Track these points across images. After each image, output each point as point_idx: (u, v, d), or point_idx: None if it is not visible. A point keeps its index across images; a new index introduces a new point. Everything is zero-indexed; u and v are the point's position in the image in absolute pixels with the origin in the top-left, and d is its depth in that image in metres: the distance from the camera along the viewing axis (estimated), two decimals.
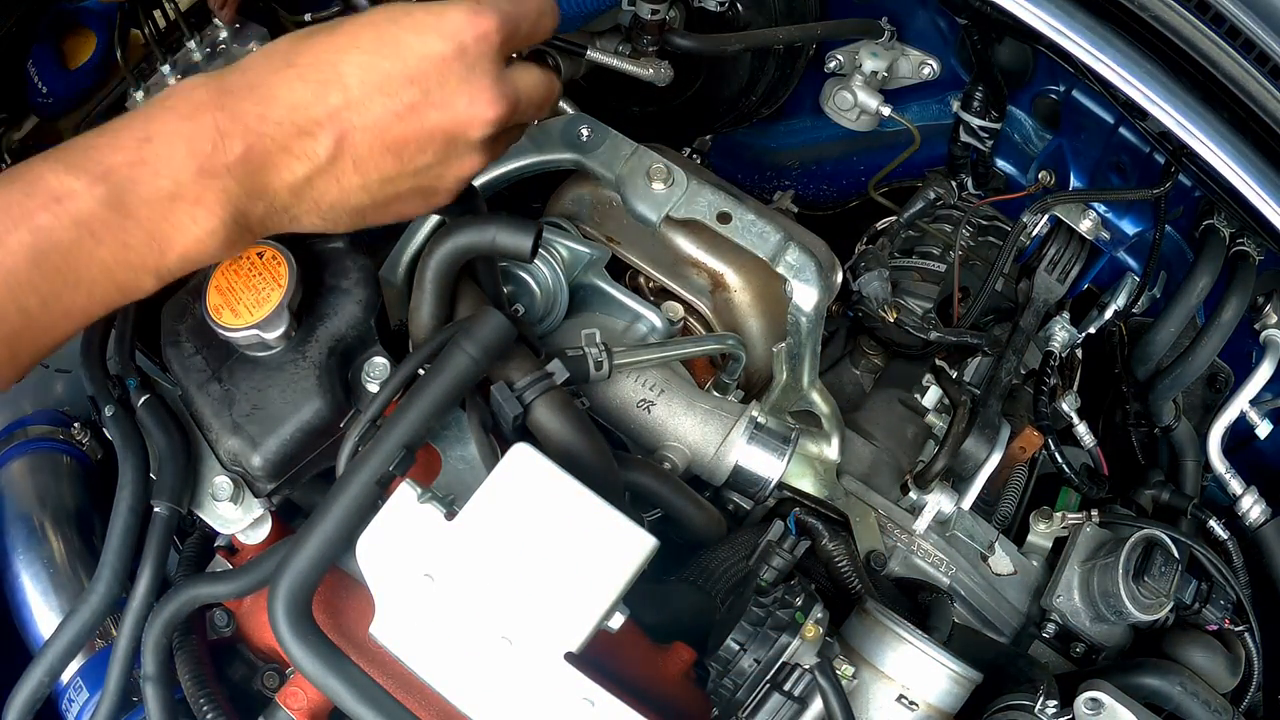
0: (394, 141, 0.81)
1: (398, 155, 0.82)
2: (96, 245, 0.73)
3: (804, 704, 0.95)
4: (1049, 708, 1.13)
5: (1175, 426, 1.50)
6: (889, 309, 1.43)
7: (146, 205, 0.74)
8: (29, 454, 1.27)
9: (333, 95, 0.78)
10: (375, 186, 0.83)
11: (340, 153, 0.79)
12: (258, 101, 0.77)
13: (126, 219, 0.74)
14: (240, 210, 0.78)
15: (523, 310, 1.19)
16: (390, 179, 0.83)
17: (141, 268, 0.76)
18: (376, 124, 0.80)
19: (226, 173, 0.76)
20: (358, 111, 0.79)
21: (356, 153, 0.80)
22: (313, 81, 0.78)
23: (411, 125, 0.81)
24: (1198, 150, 1.08)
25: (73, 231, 0.72)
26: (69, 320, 0.76)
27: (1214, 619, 1.35)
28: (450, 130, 0.82)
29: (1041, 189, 1.57)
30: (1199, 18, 1.07)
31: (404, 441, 0.91)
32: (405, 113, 0.80)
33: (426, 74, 0.79)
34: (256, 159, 0.77)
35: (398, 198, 0.85)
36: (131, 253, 0.75)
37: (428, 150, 0.82)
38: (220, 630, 1.06)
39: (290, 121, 0.77)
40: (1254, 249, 1.41)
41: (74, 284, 0.74)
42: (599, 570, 0.86)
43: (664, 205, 1.17)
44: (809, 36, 1.55)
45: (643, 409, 1.19)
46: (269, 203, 0.79)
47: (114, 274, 0.75)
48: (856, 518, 1.32)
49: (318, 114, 0.78)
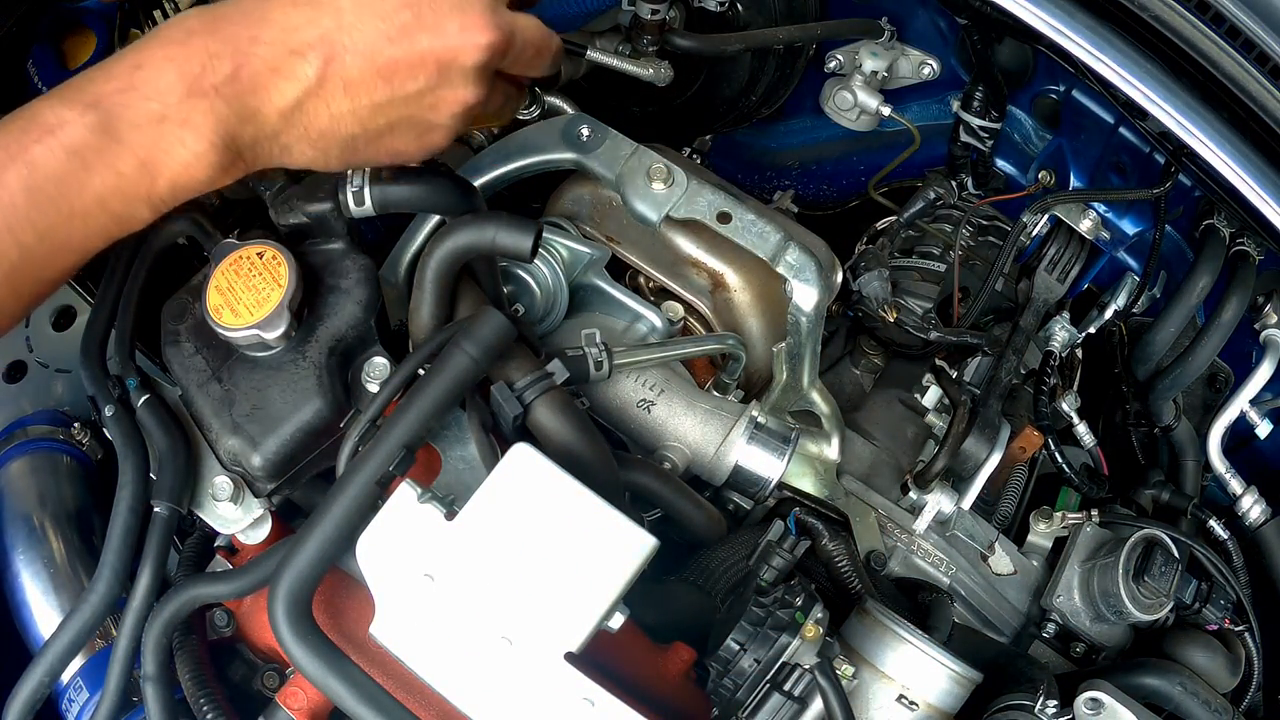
0: (385, 65, 0.80)
1: (388, 79, 0.81)
2: (89, 174, 0.74)
3: (804, 704, 0.95)
4: (1049, 708, 1.13)
5: (1175, 426, 1.50)
6: (889, 309, 1.43)
7: (135, 129, 0.74)
8: (29, 454, 1.27)
9: (325, 18, 0.79)
10: (366, 113, 0.82)
11: (330, 74, 0.79)
12: (250, 25, 0.78)
13: (117, 144, 0.74)
14: (230, 133, 0.77)
15: (523, 310, 1.19)
16: (381, 105, 0.82)
17: (134, 195, 0.76)
18: (368, 46, 0.79)
19: (215, 93, 0.76)
20: (349, 33, 0.79)
21: (346, 75, 0.79)
22: (306, 5, 0.79)
23: (403, 48, 0.80)
24: (1198, 150, 1.08)
25: (66, 161, 0.73)
26: (67, 254, 0.76)
27: (1214, 619, 1.35)
28: (442, 55, 0.81)
29: (1041, 189, 1.57)
30: (1199, 18, 1.07)
31: (404, 441, 0.91)
32: (397, 35, 0.80)
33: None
34: (245, 79, 0.77)
35: (390, 128, 0.84)
36: (124, 180, 0.75)
37: (419, 75, 0.82)
38: (220, 630, 1.06)
39: (281, 43, 0.78)
40: (1254, 249, 1.41)
41: (69, 215, 0.74)
42: (599, 570, 0.86)
43: (664, 205, 1.17)
44: (809, 36, 1.55)
45: (643, 409, 1.19)
46: (259, 126, 0.79)
47: (108, 203, 0.75)
48: (856, 518, 1.32)
49: (309, 35, 0.78)
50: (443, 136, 0.88)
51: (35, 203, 0.73)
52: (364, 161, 0.88)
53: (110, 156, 0.74)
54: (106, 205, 0.75)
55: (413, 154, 0.88)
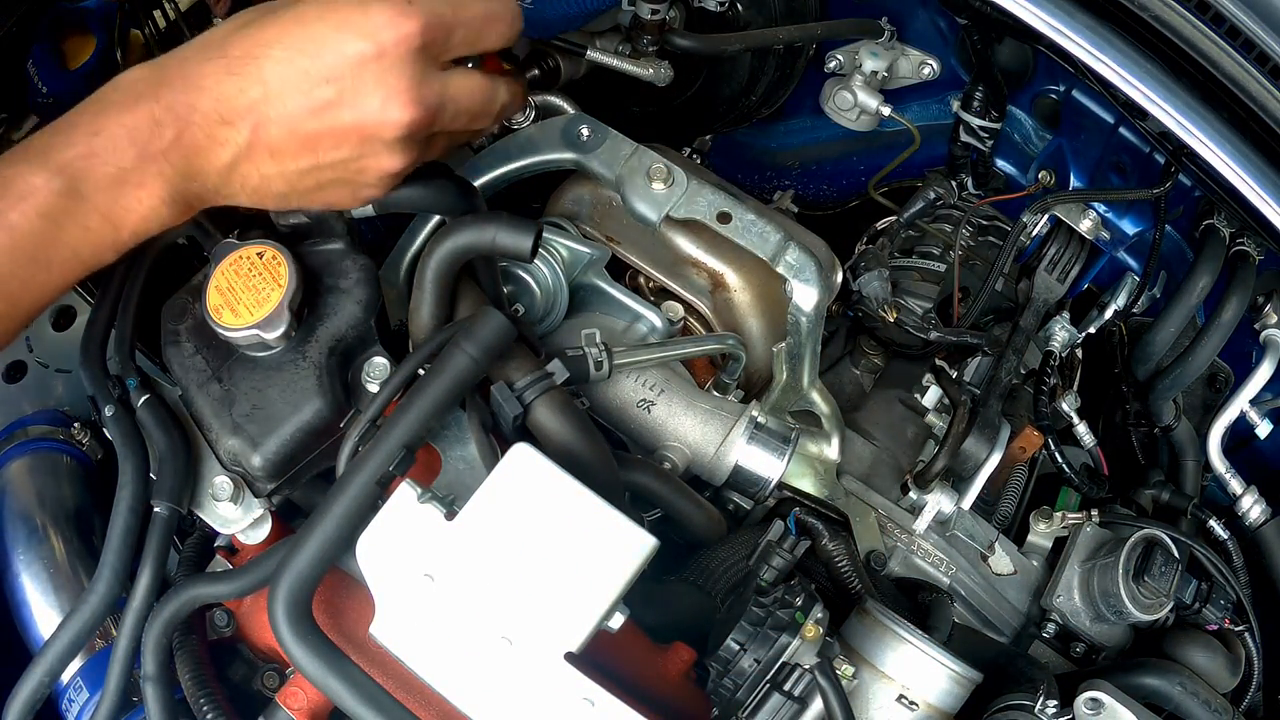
0: (307, 137, 0.84)
1: (312, 149, 0.85)
2: (60, 231, 0.82)
3: (804, 704, 0.95)
4: (1049, 708, 1.13)
5: (1175, 426, 1.50)
6: (889, 309, 1.43)
7: (99, 191, 0.82)
8: (29, 454, 1.27)
9: (253, 89, 0.83)
10: (293, 176, 0.86)
11: (256, 142, 0.84)
12: (187, 90, 0.83)
13: (83, 204, 0.82)
14: (178, 189, 0.84)
15: (523, 310, 1.19)
16: (306, 171, 0.86)
17: (101, 245, 0.84)
18: (290, 118, 0.83)
19: (163, 157, 0.83)
20: (274, 105, 0.83)
21: (271, 144, 0.84)
22: (238, 74, 0.83)
23: (324, 122, 0.84)
24: (1198, 150, 1.08)
25: (39, 223, 0.81)
26: (44, 293, 0.85)
27: (1214, 619, 1.35)
28: (362, 130, 0.85)
29: (1041, 189, 1.57)
30: (1199, 18, 1.07)
31: (404, 441, 0.91)
32: (319, 109, 0.83)
33: (342, 74, 0.83)
34: (187, 144, 0.83)
35: (318, 187, 0.88)
36: (91, 233, 0.83)
37: (342, 147, 0.85)
38: (220, 630, 1.06)
39: (215, 112, 0.83)
40: (1254, 249, 1.41)
41: (45, 266, 0.83)
42: (599, 570, 0.86)
43: (664, 205, 1.17)
44: (809, 36, 1.55)
45: (643, 409, 1.19)
46: (202, 183, 0.85)
47: (79, 253, 0.84)
48: (856, 518, 1.32)
49: (239, 106, 0.83)
50: (376, 192, 0.91)
51: (15, 260, 0.81)
52: (301, 206, 0.93)
53: (79, 215, 0.82)
54: (78, 254, 0.84)
55: (349, 205, 0.92)
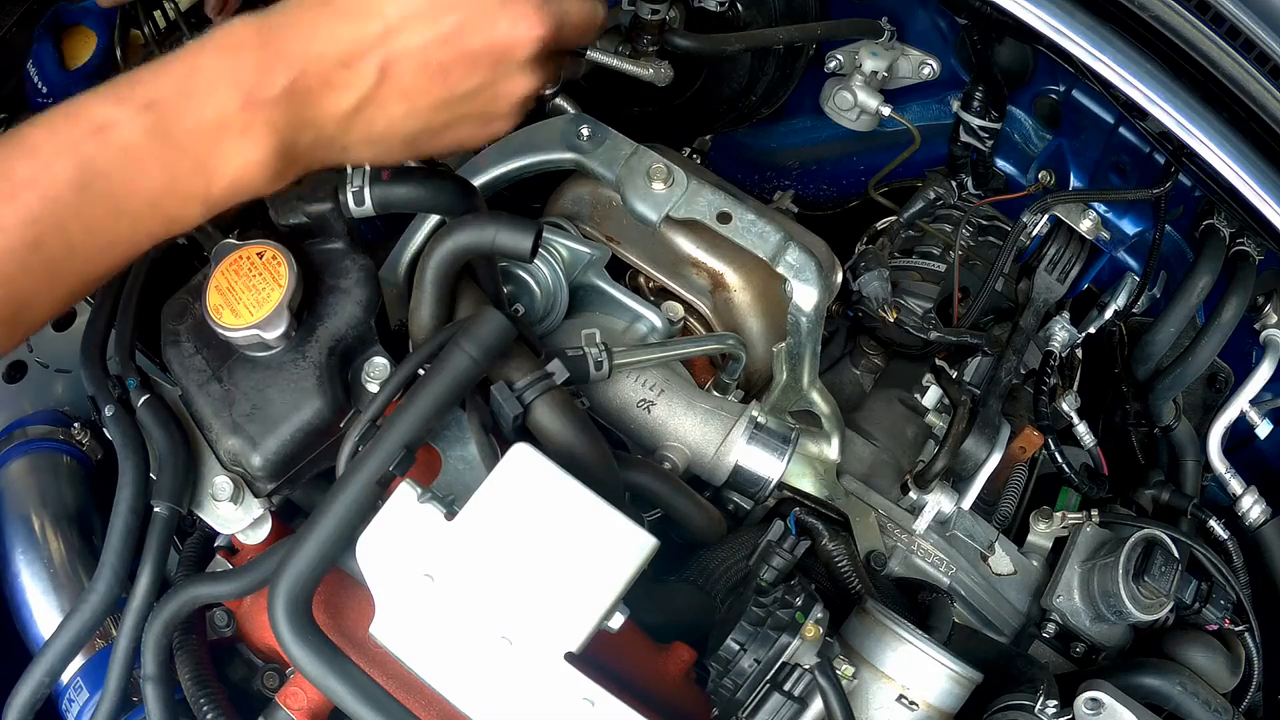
0: (438, 68, 0.81)
1: (444, 81, 0.82)
2: (142, 174, 0.74)
3: (804, 704, 0.95)
4: (1049, 708, 1.13)
5: (1175, 426, 1.50)
6: (889, 309, 1.43)
7: (192, 135, 0.75)
8: (29, 454, 1.27)
9: (373, 26, 0.79)
10: (425, 113, 0.83)
11: (384, 80, 0.80)
12: (299, 37, 0.78)
13: (173, 148, 0.75)
14: (288, 140, 0.78)
15: (523, 310, 1.19)
16: (439, 105, 0.83)
17: (188, 196, 0.77)
18: (419, 51, 0.80)
19: (272, 105, 0.77)
20: (399, 40, 0.79)
21: (402, 81, 0.80)
22: (353, 15, 0.79)
23: (454, 50, 0.81)
24: (1198, 150, 1.08)
25: (119, 160, 0.73)
26: (111, 252, 0.76)
27: (1214, 619, 1.35)
28: (494, 52, 0.82)
29: (1041, 189, 1.57)
30: (1199, 18, 1.07)
31: (404, 441, 0.91)
32: (447, 38, 0.80)
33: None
34: (301, 92, 0.78)
35: (451, 123, 0.85)
36: (178, 182, 0.76)
37: (474, 74, 0.82)
38: (220, 630, 1.06)
39: (333, 54, 0.78)
40: (1254, 249, 1.41)
41: (118, 214, 0.75)
42: (599, 570, 0.86)
43: (664, 205, 1.17)
44: (809, 36, 1.55)
45: (643, 409, 1.19)
46: (316, 133, 0.80)
47: (160, 204, 0.76)
48: (856, 518, 1.32)
49: (360, 45, 0.79)
50: (506, 124, 0.89)
51: (84, 198, 0.73)
52: (425, 154, 0.88)
53: (166, 158, 0.75)
54: (159, 206, 0.76)
55: (478, 142, 0.89)
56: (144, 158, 0.74)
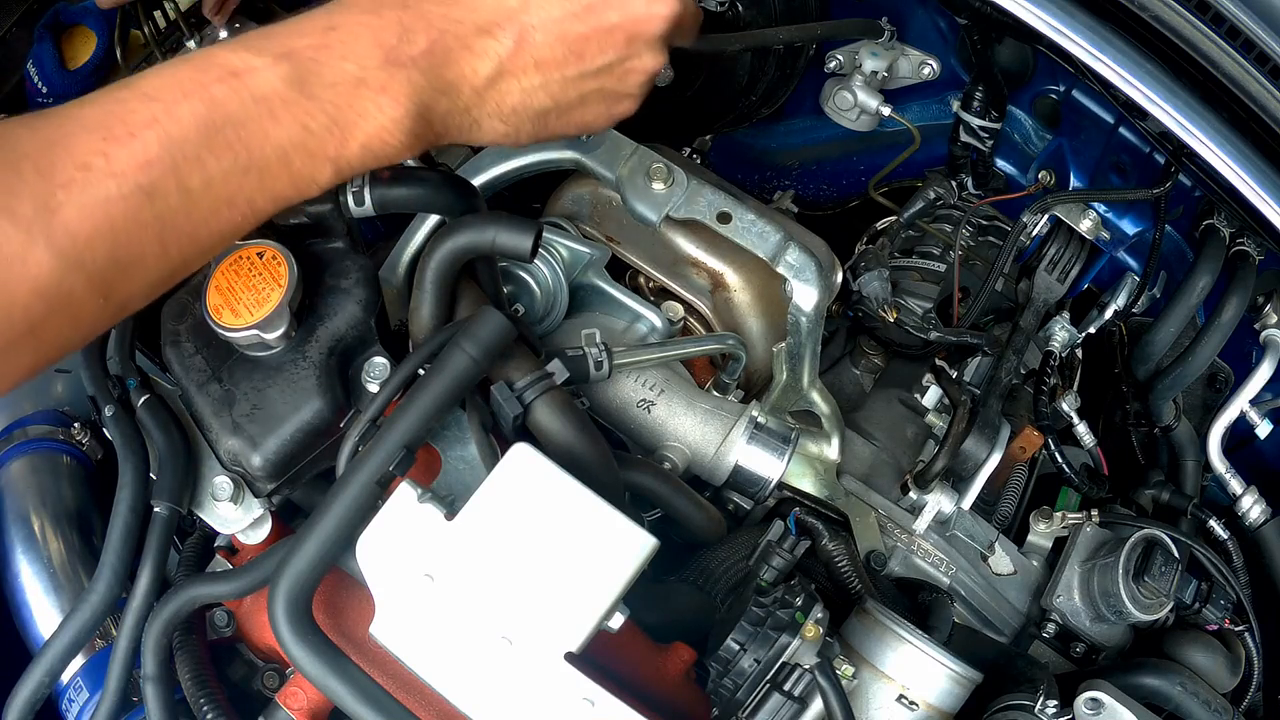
0: (575, 40, 0.82)
1: (579, 54, 0.83)
2: (274, 124, 0.71)
3: (804, 704, 0.95)
4: (1049, 708, 1.13)
5: (1175, 426, 1.50)
6: (889, 309, 1.43)
7: (330, 88, 0.73)
8: (29, 454, 1.27)
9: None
10: (557, 87, 0.83)
11: (521, 50, 0.80)
12: (440, 2, 0.79)
13: (309, 99, 0.72)
14: (425, 104, 0.78)
15: (523, 310, 1.19)
16: (572, 79, 0.83)
17: (320, 154, 0.74)
18: (556, 23, 0.81)
19: (412, 64, 0.76)
20: (536, 12, 0.80)
21: (538, 52, 0.81)
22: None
23: (590, 23, 0.82)
24: (1198, 150, 1.08)
25: (251, 107, 0.70)
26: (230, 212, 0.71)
27: (1214, 619, 1.35)
28: (630, 27, 0.84)
29: (1041, 189, 1.57)
30: (1199, 18, 1.07)
31: (404, 441, 0.91)
32: (584, 11, 0.82)
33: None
34: (440, 54, 0.77)
35: (581, 101, 0.86)
36: (311, 137, 0.73)
37: (609, 49, 0.83)
38: (220, 630, 1.06)
39: (472, 21, 0.79)
40: (1254, 249, 1.41)
41: (245, 167, 0.70)
42: (599, 570, 0.86)
43: (664, 205, 1.17)
44: (809, 36, 1.55)
45: (643, 409, 1.19)
46: (453, 100, 0.80)
47: (290, 160, 0.72)
48: (856, 518, 1.32)
49: (499, 14, 0.80)
50: (631, 105, 0.90)
51: (210, 143, 0.69)
52: (553, 135, 0.88)
53: (300, 111, 0.72)
54: (288, 161, 0.72)
55: (603, 124, 0.90)
56: (278, 107, 0.71)
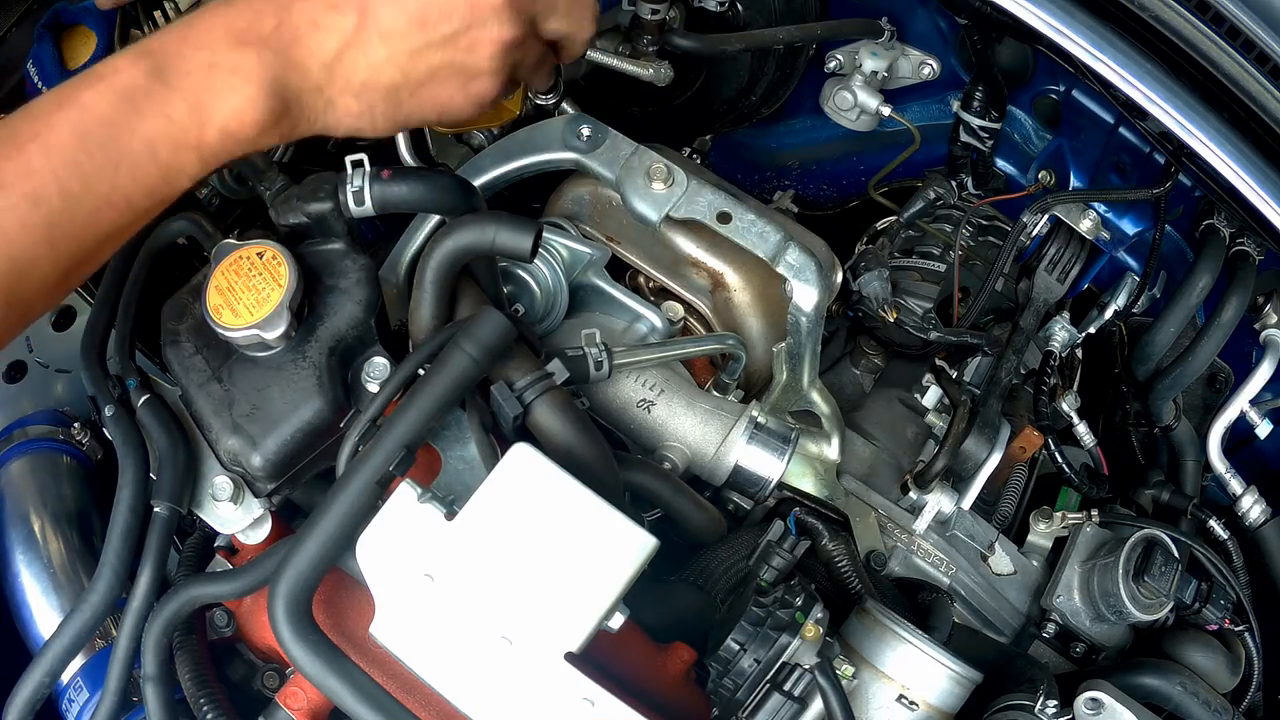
0: (416, 9, 0.83)
1: (421, 22, 0.83)
2: (139, 117, 0.76)
3: (804, 704, 0.95)
4: (1049, 708, 1.13)
5: (1175, 426, 1.50)
6: (889, 309, 1.43)
7: (187, 76, 0.77)
8: (29, 454, 1.27)
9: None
10: (404, 59, 0.84)
11: (364, 23, 0.82)
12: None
13: (167, 89, 0.77)
14: (277, 80, 0.80)
15: (523, 310, 1.19)
16: (418, 50, 0.84)
17: (183, 142, 0.78)
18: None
19: (262, 43, 0.79)
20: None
21: (380, 23, 0.82)
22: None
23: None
24: (1198, 150, 1.08)
25: (116, 104, 0.75)
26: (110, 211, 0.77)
27: (1214, 619, 1.35)
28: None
29: (1041, 189, 1.57)
30: (1199, 18, 1.07)
31: (404, 441, 0.91)
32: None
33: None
34: (289, 32, 0.80)
35: (431, 75, 0.86)
36: (173, 125, 0.77)
37: (451, 17, 0.84)
38: (220, 630, 1.06)
39: None
40: (1254, 249, 1.41)
41: (116, 163, 0.75)
42: (599, 570, 0.86)
43: (664, 205, 1.17)
44: (809, 36, 1.55)
45: (643, 409, 1.19)
46: (303, 77, 0.82)
47: (156, 151, 0.77)
48: (856, 518, 1.32)
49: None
50: (488, 85, 0.89)
51: (83, 146, 0.74)
52: (411, 116, 0.89)
53: (160, 101, 0.76)
54: (155, 153, 0.77)
55: (460, 106, 0.90)
56: (141, 100, 0.76)
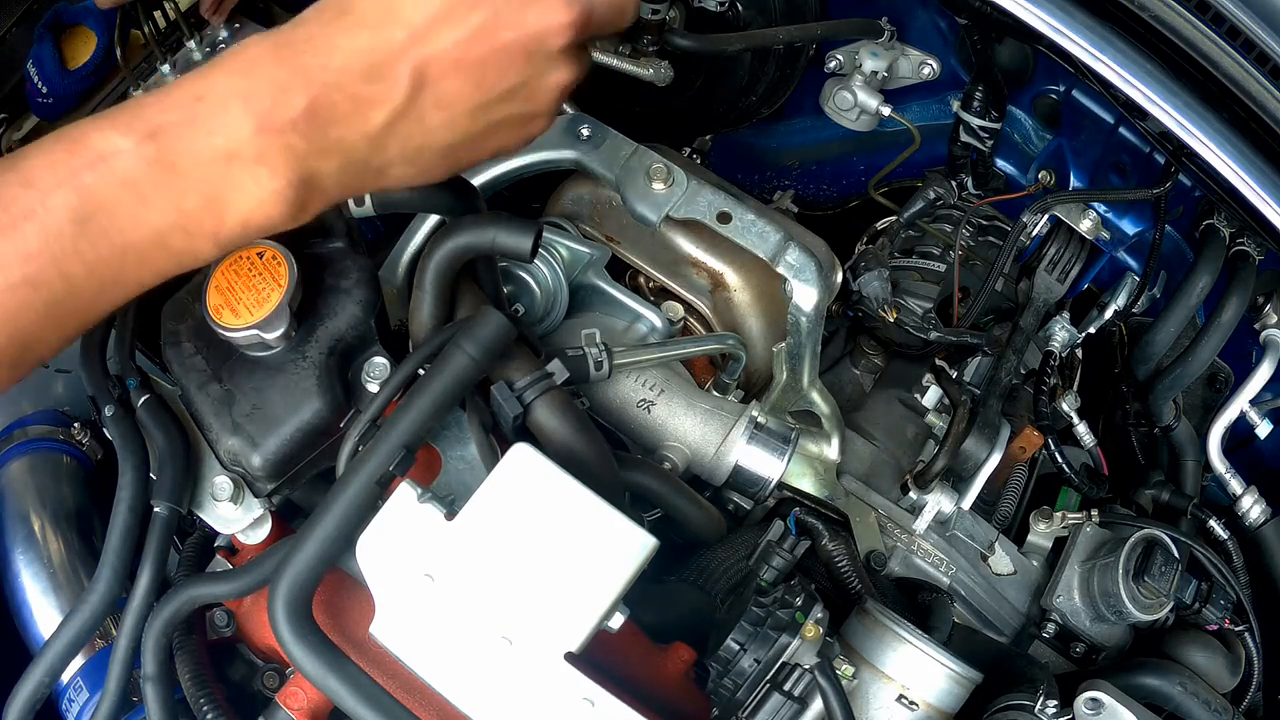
0: (473, 67, 0.75)
1: (479, 83, 0.76)
2: (146, 209, 0.69)
3: (804, 704, 0.95)
4: (1049, 708, 1.13)
5: (1175, 426, 1.50)
6: (889, 309, 1.43)
7: (200, 166, 0.69)
8: (29, 454, 1.27)
9: (396, 33, 0.73)
10: (464, 121, 0.77)
11: (418, 90, 0.74)
12: (317, 52, 0.72)
13: (179, 180, 0.69)
14: (309, 170, 0.72)
15: (523, 310, 1.19)
16: (478, 109, 0.77)
17: (198, 232, 0.71)
18: (450, 51, 0.74)
19: (291, 129, 0.71)
20: (426, 44, 0.73)
21: (437, 87, 0.75)
22: (371, 25, 0.73)
23: (486, 46, 0.75)
24: (1198, 150, 1.08)
25: (120, 193, 0.68)
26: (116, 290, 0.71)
27: (1214, 619, 1.35)
28: (527, 44, 0.77)
29: (1041, 189, 1.57)
30: (1199, 18, 1.07)
31: (404, 441, 0.91)
32: (477, 34, 0.75)
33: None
34: (324, 112, 0.71)
35: (489, 129, 0.79)
36: (187, 218, 0.70)
37: (510, 71, 0.77)
38: (220, 630, 1.06)
39: (356, 67, 0.72)
40: (1254, 249, 1.41)
41: (122, 250, 0.69)
42: (599, 570, 0.86)
43: (664, 205, 1.17)
44: (809, 36, 1.55)
45: (643, 409, 1.19)
46: (345, 158, 0.74)
47: (168, 241, 0.70)
48: (856, 518, 1.32)
49: (385, 53, 0.73)
50: (544, 123, 0.84)
51: (85, 233, 0.68)
52: (465, 166, 0.82)
53: (171, 192, 0.69)
54: (166, 243, 0.71)
55: (516, 147, 0.84)
56: (147, 191, 0.69)
